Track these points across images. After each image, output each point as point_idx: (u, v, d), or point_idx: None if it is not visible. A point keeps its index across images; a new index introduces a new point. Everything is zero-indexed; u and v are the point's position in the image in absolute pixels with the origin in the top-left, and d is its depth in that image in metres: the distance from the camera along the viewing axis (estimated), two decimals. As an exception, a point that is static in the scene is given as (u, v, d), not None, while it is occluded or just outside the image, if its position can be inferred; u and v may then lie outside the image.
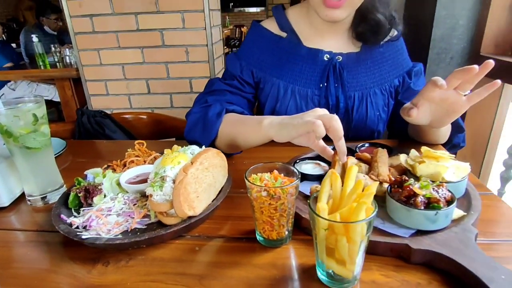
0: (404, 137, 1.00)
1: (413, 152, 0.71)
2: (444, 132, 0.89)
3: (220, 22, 2.49)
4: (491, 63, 0.66)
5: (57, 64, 3.15)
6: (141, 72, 2.29)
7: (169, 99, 2.36)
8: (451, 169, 0.64)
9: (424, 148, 0.68)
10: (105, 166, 0.80)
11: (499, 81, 0.67)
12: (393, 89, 0.99)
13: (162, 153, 0.79)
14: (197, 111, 0.90)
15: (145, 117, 1.39)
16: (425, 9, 1.32)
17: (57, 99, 3.24)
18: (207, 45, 2.18)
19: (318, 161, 0.79)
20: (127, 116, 1.39)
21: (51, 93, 3.31)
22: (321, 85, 0.95)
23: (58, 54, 3.20)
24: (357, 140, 0.91)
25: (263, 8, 9.73)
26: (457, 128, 0.92)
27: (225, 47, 6.12)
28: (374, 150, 0.73)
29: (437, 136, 0.89)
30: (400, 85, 0.99)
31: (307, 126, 0.61)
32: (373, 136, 1.01)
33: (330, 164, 0.77)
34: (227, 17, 9.47)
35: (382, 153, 0.71)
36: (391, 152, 0.81)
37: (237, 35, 7.90)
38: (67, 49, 3.10)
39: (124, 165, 0.79)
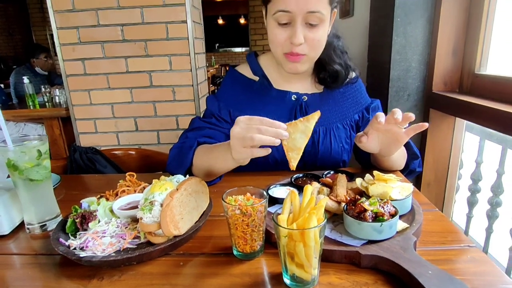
0: (368, 166, 1.13)
1: (368, 176, 0.83)
2: (396, 160, 1.01)
3: (205, 63, 2.69)
4: (410, 117, 0.79)
5: (47, 104, 3.25)
6: (129, 111, 2.41)
7: (156, 136, 2.47)
8: (397, 189, 0.76)
9: (375, 172, 0.81)
10: (99, 196, 0.89)
11: (426, 124, 0.80)
12: (354, 123, 1.14)
13: (150, 183, 0.89)
14: (176, 146, 1.03)
15: (133, 152, 1.49)
16: (383, 54, 1.52)
17: (45, 137, 3.30)
18: (192, 85, 2.34)
19: (289, 187, 0.90)
20: (116, 152, 1.48)
21: (38, 132, 3.37)
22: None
23: (48, 94, 3.31)
24: (324, 169, 1.03)
25: (247, 48, 10.26)
26: (412, 155, 1.06)
27: (211, 85, 6.38)
28: (335, 176, 0.85)
29: (391, 163, 1.02)
30: (360, 119, 1.14)
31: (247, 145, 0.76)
32: (339, 165, 1.13)
33: (300, 189, 0.88)
34: (213, 57, 9.90)
35: (341, 178, 0.83)
36: (352, 178, 0.93)
37: (222, 74, 8.23)
38: (56, 90, 3.22)
39: (116, 195, 0.88)
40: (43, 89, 3.30)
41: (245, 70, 1.15)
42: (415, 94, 1.49)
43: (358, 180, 0.82)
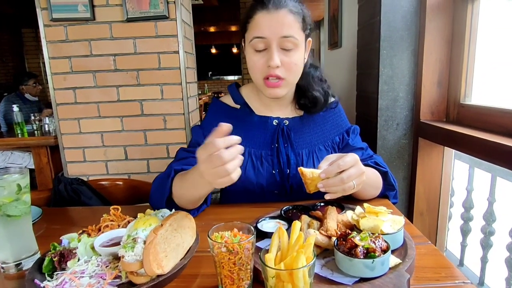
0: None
1: (358, 208, 0.82)
2: (366, 191, 1.01)
3: (197, 92, 2.71)
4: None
5: (35, 132, 3.21)
6: (119, 139, 2.39)
7: (146, 165, 2.44)
8: (388, 222, 0.74)
9: (366, 205, 0.79)
10: (80, 231, 0.85)
11: None
12: (336, 145, 1.16)
13: (136, 217, 0.87)
14: (158, 177, 1.01)
15: (121, 183, 1.46)
16: (371, 84, 1.55)
17: (31, 166, 3.24)
18: (184, 114, 2.35)
19: (279, 220, 0.88)
20: (103, 182, 1.45)
21: (25, 160, 3.30)
22: (272, 146, 1.09)
23: (37, 122, 3.27)
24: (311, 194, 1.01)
25: (239, 76, 10.45)
26: (388, 186, 1.06)
27: (204, 112, 6.43)
28: (325, 208, 0.83)
29: (361, 194, 1.02)
30: (341, 141, 1.16)
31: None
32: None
33: (290, 222, 0.86)
34: (206, 85, 10.05)
35: (331, 211, 0.81)
36: (343, 209, 0.92)
37: (224, 91, 8.32)
38: (46, 118, 3.20)
39: (99, 230, 0.84)
40: (32, 117, 3.27)
41: (227, 99, 1.17)
42: (403, 123, 1.51)
43: (349, 213, 0.80)
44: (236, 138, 0.75)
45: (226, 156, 0.72)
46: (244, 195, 1.09)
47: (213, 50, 10.53)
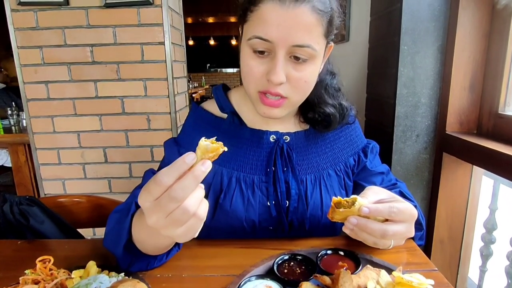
0: None
1: (384, 274, 0.57)
2: None
3: (186, 89, 2.45)
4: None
5: (13, 127, 2.97)
6: (98, 140, 2.14)
7: (128, 168, 2.20)
8: (431, 308, 0.50)
9: (396, 274, 0.55)
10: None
11: None
12: (349, 169, 0.90)
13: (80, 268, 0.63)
14: (117, 209, 0.74)
15: (83, 200, 1.21)
16: (387, 87, 1.30)
17: (8, 164, 3.00)
18: (170, 113, 2.10)
19: (269, 282, 0.63)
20: (62, 199, 1.20)
21: (2, 158, 3.06)
22: (268, 170, 0.84)
23: (15, 117, 3.03)
24: (315, 232, 0.82)
25: (238, 69, 10.19)
26: (416, 225, 0.81)
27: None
28: (336, 272, 0.59)
29: None
30: (356, 164, 0.91)
31: None
32: (334, 228, 0.87)
33: (284, 284, 0.62)
34: (203, 77, 9.79)
35: (345, 278, 0.56)
36: (359, 265, 0.67)
37: (212, 95, 8.09)
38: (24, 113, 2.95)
39: (15, 295, 0.60)
40: (9, 112, 3.02)
41: (211, 106, 0.91)
42: (425, 135, 1.26)
43: (371, 285, 0.56)
44: (190, 158, 0.48)
45: (179, 193, 0.47)
46: (230, 232, 0.84)
47: (212, 42, 10.22)
